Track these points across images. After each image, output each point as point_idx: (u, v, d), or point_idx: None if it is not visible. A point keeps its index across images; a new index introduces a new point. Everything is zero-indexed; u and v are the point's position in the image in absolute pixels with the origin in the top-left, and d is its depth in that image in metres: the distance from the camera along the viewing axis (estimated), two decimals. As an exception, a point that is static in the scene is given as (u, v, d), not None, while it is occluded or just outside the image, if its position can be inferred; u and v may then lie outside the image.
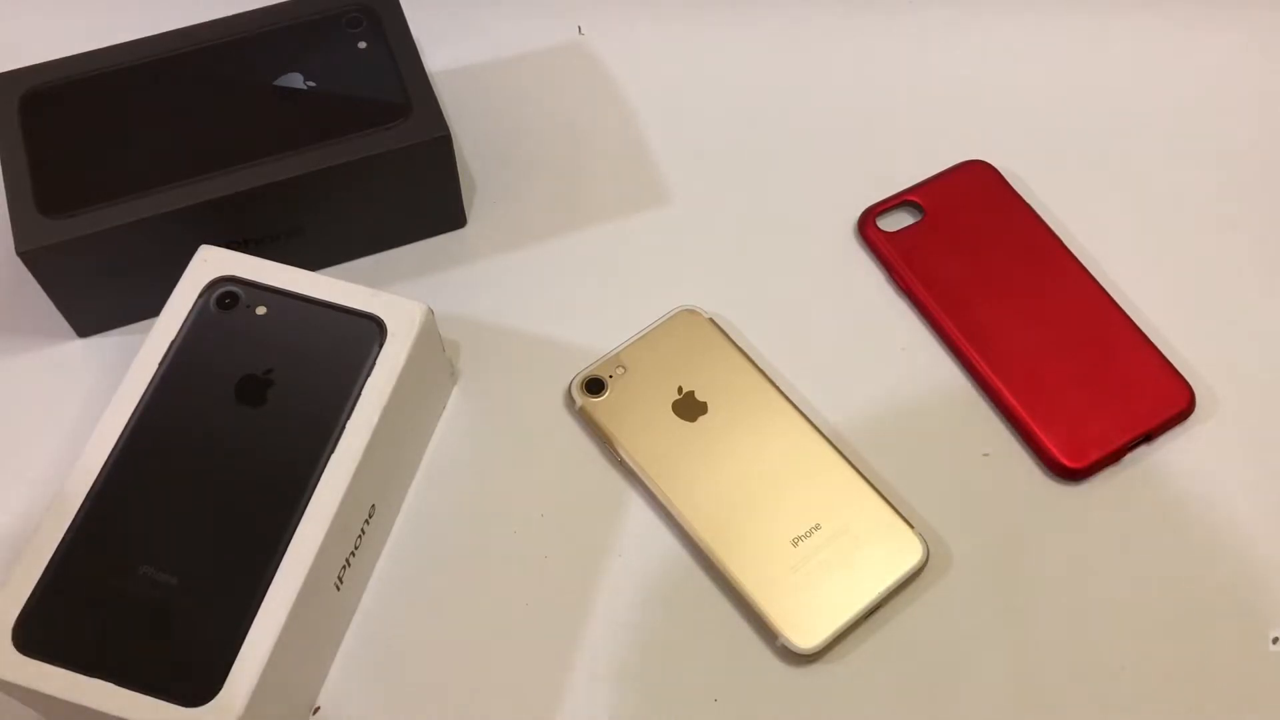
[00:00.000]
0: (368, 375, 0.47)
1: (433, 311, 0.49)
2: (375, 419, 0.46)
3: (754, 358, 0.54)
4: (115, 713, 0.40)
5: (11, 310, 0.56)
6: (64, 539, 0.43)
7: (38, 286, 0.53)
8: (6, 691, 0.42)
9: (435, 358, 0.51)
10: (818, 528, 0.49)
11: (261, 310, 0.48)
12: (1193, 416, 0.53)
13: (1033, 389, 0.53)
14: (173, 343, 0.47)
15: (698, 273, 0.57)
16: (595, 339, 0.55)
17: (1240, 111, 0.63)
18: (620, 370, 0.53)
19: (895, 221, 0.58)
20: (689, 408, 0.52)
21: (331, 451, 0.45)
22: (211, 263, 0.49)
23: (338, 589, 0.46)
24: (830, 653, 0.48)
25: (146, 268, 0.52)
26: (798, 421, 0.52)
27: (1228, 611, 0.49)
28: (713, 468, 0.51)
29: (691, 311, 0.55)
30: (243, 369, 0.47)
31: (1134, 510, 0.51)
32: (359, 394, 0.46)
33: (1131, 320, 0.55)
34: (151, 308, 0.50)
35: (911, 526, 0.50)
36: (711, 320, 0.55)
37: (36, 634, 0.42)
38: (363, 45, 0.55)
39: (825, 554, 0.49)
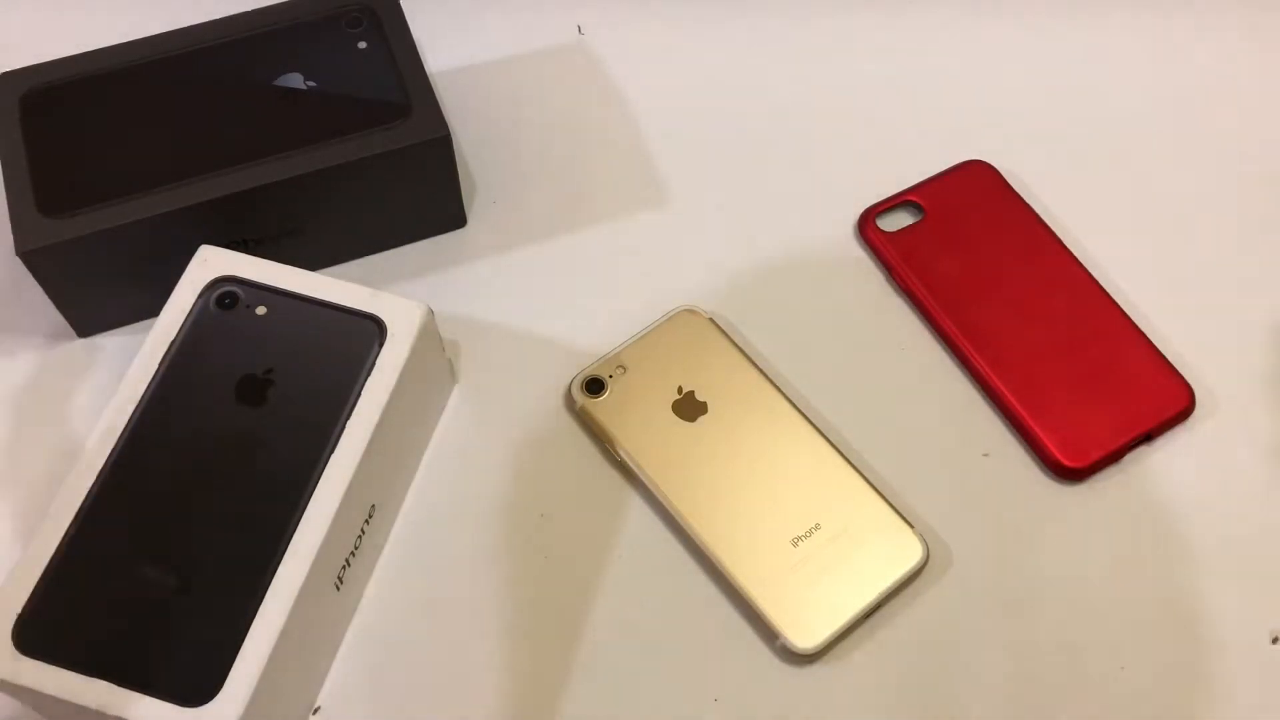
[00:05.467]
0: (368, 375, 0.47)
1: (433, 311, 0.49)
2: (375, 419, 0.46)
3: (754, 358, 0.54)
4: (115, 713, 0.40)
5: (11, 310, 0.56)
6: (64, 539, 0.43)
7: (38, 286, 0.53)
8: (6, 691, 0.42)
9: (435, 358, 0.51)
10: (818, 528, 0.49)
11: (261, 310, 0.48)
12: (1193, 416, 0.53)
13: (1033, 389, 0.53)
14: (173, 343, 0.47)
15: (698, 273, 0.57)
16: (595, 339, 0.55)
17: (1239, 111, 0.63)
18: (620, 370, 0.53)
19: (895, 221, 0.58)
20: (689, 408, 0.52)
21: (331, 451, 0.45)
22: (211, 263, 0.49)
23: (338, 589, 0.46)
24: (830, 653, 0.48)
25: (146, 268, 0.52)
26: (798, 421, 0.52)
27: (1228, 611, 0.49)
28: (713, 468, 0.51)
29: (691, 311, 0.55)
30: (243, 369, 0.47)
31: (1134, 510, 0.51)
32: (359, 394, 0.46)
33: (1131, 320, 0.55)
34: (151, 308, 0.50)
35: (911, 526, 0.50)
36: (711, 320, 0.55)
37: (36, 634, 0.42)
38: (363, 45, 0.55)
39: (825, 554, 0.49)
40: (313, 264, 0.56)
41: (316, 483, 0.45)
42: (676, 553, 0.50)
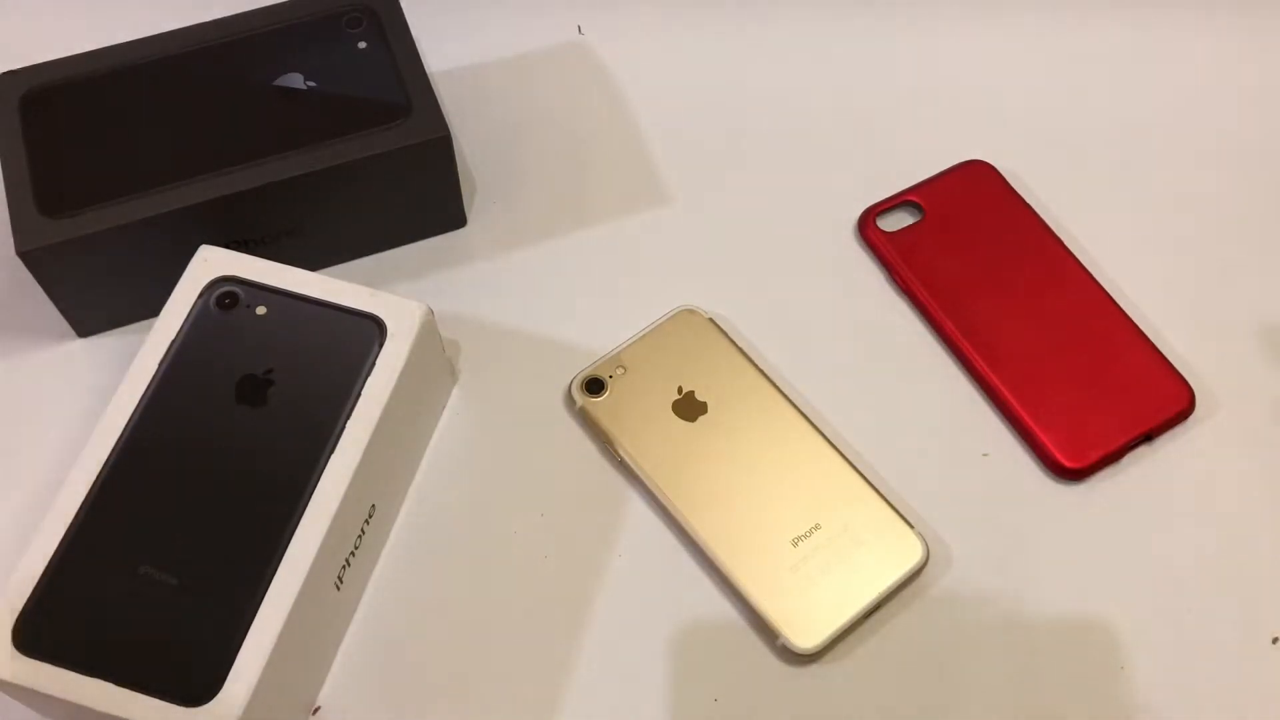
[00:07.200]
0: (368, 375, 0.47)
1: (433, 311, 0.49)
2: (375, 419, 0.46)
3: (754, 358, 0.54)
4: (115, 713, 0.41)
5: (11, 310, 0.56)
6: (64, 539, 0.43)
7: (38, 286, 0.53)
8: (6, 691, 0.42)
9: (435, 358, 0.51)
10: (818, 528, 0.49)
11: (261, 310, 0.48)
12: (1193, 416, 0.53)
13: (1033, 389, 0.53)
14: (173, 343, 0.47)
15: (698, 273, 0.57)
16: (595, 339, 0.55)
17: (1239, 111, 0.63)
18: (620, 370, 0.53)
19: (895, 221, 0.58)
20: (689, 408, 0.52)
21: (331, 451, 0.45)
22: (211, 263, 0.49)
23: (338, 589, 0.46)
24: (830, 653, 0.48)
25: (146, 268, 0.52)
26: (798, 421, 0.52)
27: (1228, 611, 0.49)
28: (713, 468, 0.51)
29: (691, 311, 0.55)
30: (243, 369, 0.47)
31: (1134, 510, 0.51)
32: (359, 394, 0.46)
33: (1131, 320, 0.55)
34: (151, 308, 0.50)
35: (911, 526, 0.50)
36: (711, 320, 0.55)
37: (36, 634, 0.42)
38: (363, 45, 0.55)
39: (825, 554, 0.49)
40: (313, 264, 0.56)
41: (316, 483, 0.45)
42: (676, 553, 0.50)
